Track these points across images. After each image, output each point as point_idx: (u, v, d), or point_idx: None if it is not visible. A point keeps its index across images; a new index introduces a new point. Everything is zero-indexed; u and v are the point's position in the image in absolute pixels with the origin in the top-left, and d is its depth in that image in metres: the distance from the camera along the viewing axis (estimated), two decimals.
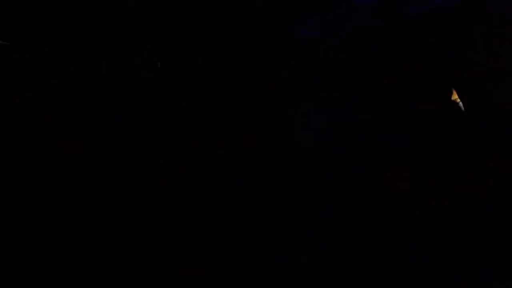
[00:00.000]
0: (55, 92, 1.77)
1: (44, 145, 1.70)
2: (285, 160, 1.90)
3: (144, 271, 1.45)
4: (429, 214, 1.55)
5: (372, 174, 1.69)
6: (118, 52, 1.81)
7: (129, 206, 1.68)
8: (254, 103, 2.01)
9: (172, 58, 1.92)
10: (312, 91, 1.72)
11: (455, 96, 1.63)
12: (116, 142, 1.83)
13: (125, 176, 1.76)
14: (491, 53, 1.62)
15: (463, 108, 1.59)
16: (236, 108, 2.04)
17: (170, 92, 1.92)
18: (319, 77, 1.77)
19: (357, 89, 1.80)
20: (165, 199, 1.75)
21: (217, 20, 1.79)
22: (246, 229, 1.69)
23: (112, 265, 1.46)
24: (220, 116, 2.04)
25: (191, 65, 1.93)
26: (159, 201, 1.73)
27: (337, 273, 1.42)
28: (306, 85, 1.73)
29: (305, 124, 1.81)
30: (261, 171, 1.98)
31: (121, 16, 1.74)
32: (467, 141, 1.65)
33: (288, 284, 1.40)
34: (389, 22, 1.66)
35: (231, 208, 1.83)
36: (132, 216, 1.65)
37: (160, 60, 1.88)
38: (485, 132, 1.60)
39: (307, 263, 1.45)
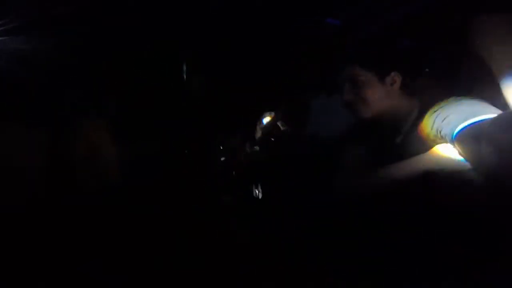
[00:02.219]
0: (54, 91, 1.77)
1: (44, 144, 1.71)
2: (285, 159, 1.90)
3: (144, 271, 1.45)
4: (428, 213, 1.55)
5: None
6: (118, 52, 1.81)
7: (129, 206, 1.68)
8: (254, 103, 2.01)
9: (172, 58, 1.92)
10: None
11: None
12: (116, 142, 1.83)
13: (125, 176, 1.76)
14: None
15: None
16: (236, 108, 2.04)
17: (171, 93, 1.92)
18: None
19: None
20: (165, 199, 1.75)
21: (217, 20, 1.80)
22: (246, 229, 1.69)
23: (112, 265, 1.46)
24: (220, 116, 2.04)
25: (192, 66, 1.94)
26: (159, 201, 1.73)
27: (337, 273, 1.42)
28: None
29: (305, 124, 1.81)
30: (261, 170, 1.98)
31: (121, 16, 1.74)
32: None
33: (288, 284, 1.40)
34: None
35: (231, 208, 1.83)
36: (132, 216, 1.65)
37: (161, 60, 1.88)
38: None
39: (307, 263, 1.45)
